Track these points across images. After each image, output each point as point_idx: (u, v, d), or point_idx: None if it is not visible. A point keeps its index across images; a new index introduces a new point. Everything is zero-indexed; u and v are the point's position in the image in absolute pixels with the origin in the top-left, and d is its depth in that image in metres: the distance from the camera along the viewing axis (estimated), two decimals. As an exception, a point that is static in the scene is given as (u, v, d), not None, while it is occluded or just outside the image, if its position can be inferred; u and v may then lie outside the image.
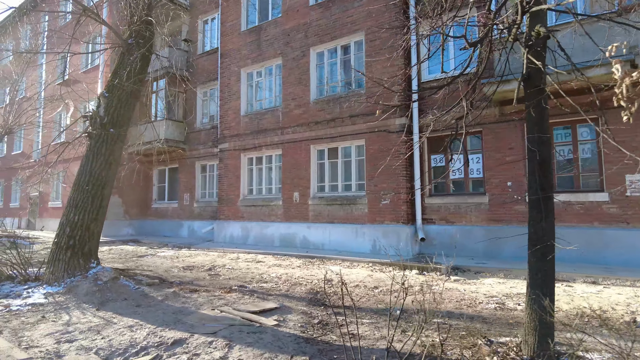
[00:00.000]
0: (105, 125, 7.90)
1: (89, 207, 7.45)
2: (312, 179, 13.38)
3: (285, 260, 11.39)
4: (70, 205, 7.42)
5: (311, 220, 13.18)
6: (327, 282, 8.45)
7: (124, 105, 8.20)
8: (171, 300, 6.57)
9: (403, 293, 3.78)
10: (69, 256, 7.12)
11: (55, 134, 22.39)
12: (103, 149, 7.79)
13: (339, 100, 12.88)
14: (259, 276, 9.17)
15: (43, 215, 22.82)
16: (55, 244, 7.22)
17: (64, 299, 6.44)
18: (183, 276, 9.19)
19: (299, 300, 6.92)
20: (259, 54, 15.17)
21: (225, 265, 10.62)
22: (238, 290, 7.50)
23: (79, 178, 7.59)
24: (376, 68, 12.17)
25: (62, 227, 7.32)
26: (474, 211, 10.99)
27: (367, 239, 11.87)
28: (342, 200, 12.52)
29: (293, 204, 13.70)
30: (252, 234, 14.60)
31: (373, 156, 12.01)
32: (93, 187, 7.56)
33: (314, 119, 13.41)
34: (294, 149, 13.87)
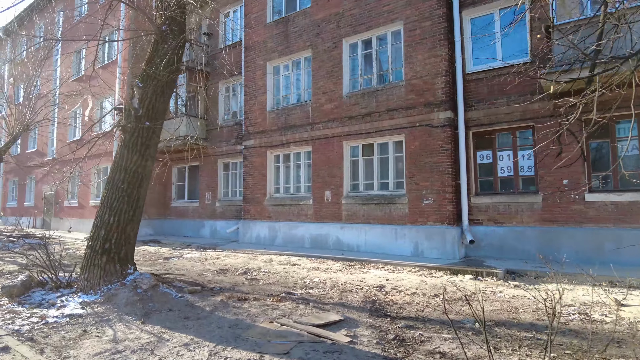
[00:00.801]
0: (140, 118, 7.25)
1: (124, 207, 6.81)
2: (345, 177, 12.69)
3: (322, 263, 10.71)
4: (105, 205, 6.78)
5: (344, 221, 12.49)
6: (379, 288, 7.78)
7: (159, 97, 7.56)
8: (221, 311, 5.91)
9: (474, 302, 3.07)
10: (104, 261, 6.48)
11: (71, 130, 21.86)
12: (138, 143, 7.15)
13: (375, 93, 12.17)
14: (301, 281, 8.50)
15: (58, 215, 22.31)
16: (90, 248, 6.58)
17: (104, 310, 5.79)
18: (220, 281, 8.54)
19: (358, 310, 6.25)
20: (286, 47, 14.49)
21: (260, 269, 9.96)
22: (288, 298, 6.83)
23: (113, 176, 6.95)
24: (417, 59, 11.45)
25: (96, 229, 6.68)
26: (526, 211, 10.25)
27: (408, 241, 11.16)
28: (378, 199, 11.82)
29: (324, 203, 13.01)
30: (280, 235, 13.94)
31: (414, 152, 11.30)
32: (129, 185, 6.91)
33: (347, 114, 12.71)
34: (324, 146, 13.17)
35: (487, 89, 10.93)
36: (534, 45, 10.25)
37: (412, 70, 11.51)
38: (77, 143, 8.35)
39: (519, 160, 10.61)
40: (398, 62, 12.06)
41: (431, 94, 11.18)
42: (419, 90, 11.36)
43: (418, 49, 11.46)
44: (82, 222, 20.15)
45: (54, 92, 16.72)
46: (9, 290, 6.52)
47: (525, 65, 10.33)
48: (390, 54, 12.20)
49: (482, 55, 11.15)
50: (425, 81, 11.29)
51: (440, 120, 10.96)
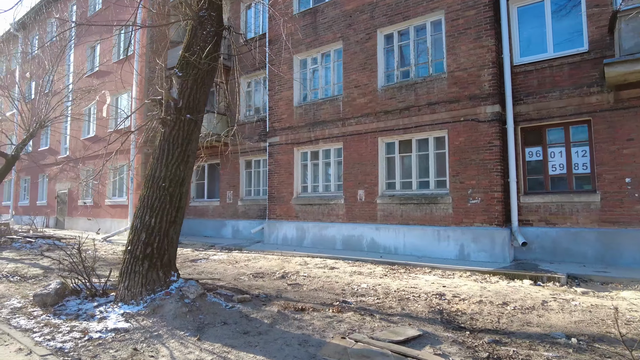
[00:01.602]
0: (181, 110, 6.62)
1: (167, 207, 6.17)
2: (380, 175, 12.02)
3: (362, 266, 10.06)
4: (145, 205, 6.14)
5: (380, 221, 11.83)
6: (438, 296, 7.13)
7: (199, 87, 6.92)
8: (282, 324, 5.27)
9: (550, 312, 2.40)
10: (146, 268, 5.85)
11: (85, 127, 21.29)
12: (180, 138, 6.51)
13: (414, 86, 11.49)
14: (348, 287, 7.85)
15: (72, 214, 21.77)
16: (129, 253, 5.95)
17: (151, 323, 5.15)
18: (260, 286, 7.91)
19: (430, 323, 5.60)
20: (314, 39, 13.83)
21: (298, 273, 9.32)
22: (347, 308, 6.18)
23: (153, 173, 6.31)
24: (460, 50, 10.77)
25: (136, 232, 6.05)
26: (582, 211, 9.55)
27: (452, 243, 10.49)
28: (418, 199, 11.14)
29: (357, 202, 12.35)
30: (309, 235, 13.29)
31: (458, 149, 10.62)
32: (170, 184, 6.28)
33: (383, 108, 12.03)
34: (357, 142, 12.51)
35: (537, 82, 10.24)
36: (592, 33, 9.54)
37: (455, 62, 10.83)
38: (108, 137, 7.74)
39: (573, 156, 9.91)
40: (438, 54, 11.39)
41: (477, 87, 10.49)
42: (463, 82, 10.67)
43: (461, 40, 10.77)
44: (98, 222, 19.58)
45: (70, 88, 16.12)
46: (43, 299, 5.91)
47: (582, 55, 9.64)
48: (430, 45, 11.52)
49: (531, 46, 10.45)
50: (469, 73, 10.61)
51: (488, 115, 10.27)
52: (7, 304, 6.23)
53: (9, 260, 11.25)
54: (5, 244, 13.73)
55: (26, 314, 5.71)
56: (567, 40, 10.01)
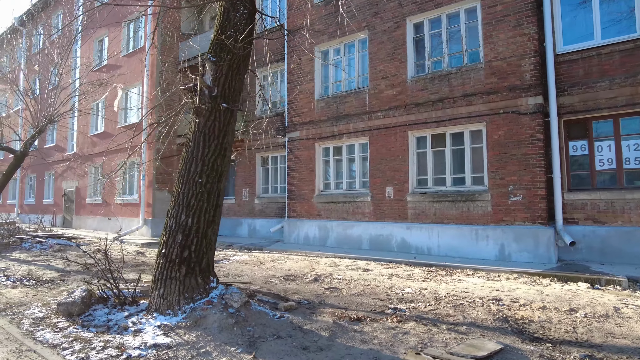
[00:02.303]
0: (216, 98, 5.99)
1: (204, 206, 5.55)
2: (410, 171, 11.39)
3: (397, 268, 9.44)
4: (180, 203, 5.52)
5: (411, 220, 11.20)
6: (495, 301, 6.52)
7: (235, 74, 6.29)
8: (343, 338, 4.65)
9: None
10: (183, 273, 5.23)
11: (93, 123, 20.66)
12: (216, 129, 5.89)
13: (448, 77, 10.85)
14: (392, 292, 7.24)
15: (80, 213, 21.17)
16: (164, 257, 5.32)
17: (195, 338, 4.54)
18: (297, 290, 7.31)
19: (501, 333, 5.01)
20: (337, 29, 13.15)
21: (331, 275, 8.71)
22: (406, 317, 5.56)
23: (188, 167, 5.69)
24: (498, 39, 10.12)
25: (170, 233, 5.42)
26: (635, 209, 8.91)
27: (491, 243, 9.86)
28: (453, 196, 10.52)
29: (385, 200, 11.72)
30: (333, 235, 12.67)
31: (497, 143, 9.99)
32: (208, 179, 5.66)
33: (413, 100, 11.39)
34: (385, 137, 11.87)
35: (582, 71, 9.59)
36: (646, 18, 8.89)
37: (493, 51, 10.19)
38: (135, 129, 7.11)
39: (624, 151, 9.27)
40: (474, 43, 10.74)
41: (517, 77, 9.85)
42: (502, 72, 10.03)
43: (500, 28, 10.12)
44: (107, 221, 18.98)
45: (80, 82, 15.51)
46: (68, 308, 5.30)
47: (635, 42, 9.00)
48: (464, 33, 10.87)
49: (576, 33, 9.80)
50: (509, 63, 9.97)
51: (530, 107, 9.64)
52: (27, 314, 5.62)
53: (20, 261, 10.65)
54: (15, 244, 13.13)
55: (51, 325, 5.10)
56: (616, 26, 9.36)
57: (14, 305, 6.07)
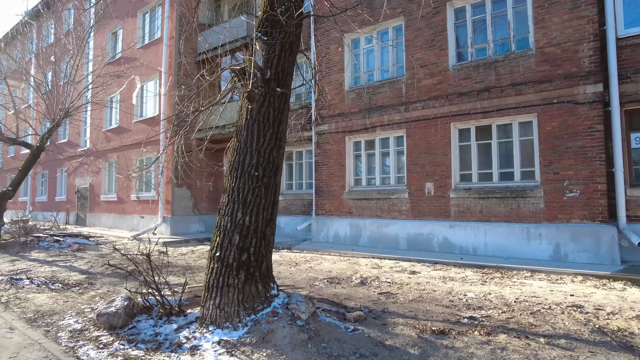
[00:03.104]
0: (269, 82, 5.32)
1: (262, 202, 4.89)
2: (453, 165, 10.68)
3: (446, 270, 8.75)
4: (235, 200, 4.85)
5: (454, 218, 10.50)
6: (576, 308, 5.82)
7: (287, 55, 5.62)
8: (436, 356, 4.00)
9: None
10: (242, 280, 4.57)
11: (107, 117, 20.03)
12: (270, 117, 5.22)
13: (494, 65, 10.12)
14: (454, 297, 6.58)
15: (94, 210, 20.59)
16: (219, 261, 4.66)
17: (266, 357, 3.87)
18: (348, 296, 6.66)
19: (609, 348, 4.39)
20: (369, 15, 12.41)
21: (378, 278, 8.04)
22: (492, 328, 4.88)
23: (242, 159, 5.02)
24: (552, 23, 9.38)
25: (225, 233, 4.76)
26: None
27: (544, 242, 9.16)
28: (501, 192, 9.81)
29: (424, 197, 11.02)
30: (366, 233, 11.99)
31: (551, 135, 9.26)
32: (264, 172, 5.00)
33: (455, 90, 10.68)
34: (424, 129, 11.17)
35: (646, 56, 8.83)
36: None
37: (546, 37, 9.44)
38: (168, 121, 6.46)
39: (694, 142, 8.53)
40: (522, 28, 10.00)
41: (573, 64, 9.12)
42: (556, 59, 9.30)
43: (553, 11, 9.38)
44: (123, 219, 18.39)
45: (96, 74, 14.88)
46: (109, 319, 4.66)
47: None
48: (511, 18, 10.12)
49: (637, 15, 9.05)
50: (564, 49, 9.23)
51: (588, 96, 8.91)
52: (63, 325, 4.99)
53: (40, 262, 10.05)
54: (32, 243, 12.55)
55: (92, 340, 4.46)
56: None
57: (45, 314, 5.44)
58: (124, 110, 17.64)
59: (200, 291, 5.66)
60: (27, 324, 5.01)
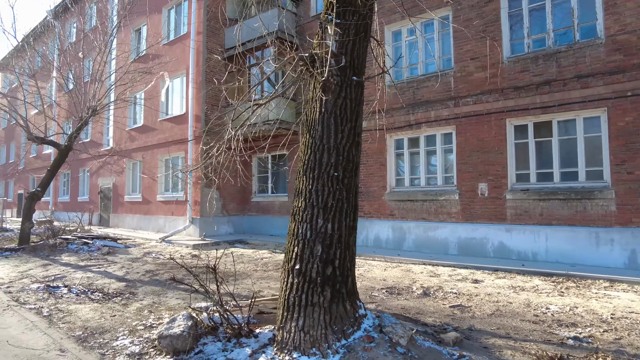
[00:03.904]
0: (345, 69, 4.68)
1: (344, 207, 4.27)
2: (509, 164, 9.95)
3: (511, 278, 8.02)
4: (314, 204, 4.22)
5: (511, 221, 9.77)
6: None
7: (362, 40, 4.99)
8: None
9: None
10: (328, 298, 3.94)
11: (131, 114, 19.57)
12: (348, 110, 4.59)
13: (555, 56, 9.37)
14: (535, 311, 5.89)
15: (117, 211, 20.17)
16: (300, 275, 4.03)
17: (372, 395, 3.23)
18: (418, 310, 6.01)
19: None
20: (412, 6, 11.71)
21: (441, 288, 7.36)
22: (616, 355, 4.17)
23: (318, 157, 4.39)
24: (625, 7, 8.60)
25: (306, 243, 4.13)
26: None
27: (617, 248, 8.39)
28: (564, 193, 9.05)
29: (477, 198, 10.30)
30: (411, 237, 11.30)
31: (624, 131, 8.49)
32: (345, 173, 4.36)
33: (511, 84, 9.94)
34: (476, 125, 10.45)
35: None
36: None
37: (618, 23, 8.67)
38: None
39: None
40: (588, 15, 9.23)
41: (650, 52, 8.33)
42: (631, 48, 8.52)
43: (626, -5, 8.60)
44: (148, 220, 17.92)
45: (123, 70, 14.40)
46: (173, 342, 4.05)
47: None
48: (575, 5, 9.35)
49: None
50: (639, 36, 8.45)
51: (668, 87, 8.11)
52: (118, 347, 4.39)
53: (73, 267, 9.55)
54: (61, 245, 12.09)
55: (157, 367, 3.86)
56: None
57: (95, 332, 4.86)
58: (152, 108, 17.13)
59: (265, 306, 5.04)
60: (78, 344, 4.44)
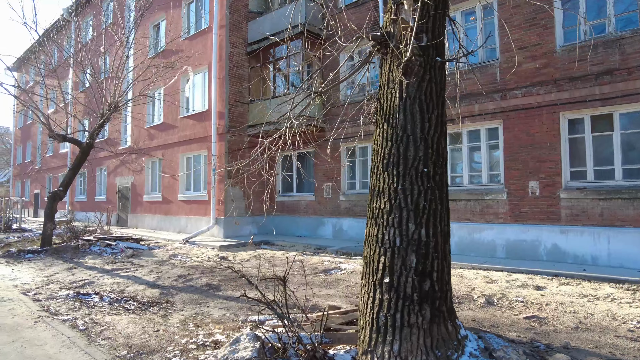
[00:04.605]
0: (428, 49, 4.05)
1: (438, 209, 3.64)
2: (563, 161, 9.25)
3: (577, 284, 7.33)
4: (400, 205, 3.59)
5: (565, 222, 9.06)
6: None
7: (442, 16, 4.40)
8: None
9: None
10: (428, 318, 3.31)
11: (150, 110, 19.05)
12: (434, 95, 3.97)
13: (617, 43, 8.64)
14: (624, 324, 5.24)
15: (136, 211, 19.71)
16: (392, 290, 3.40)
17: None
18: (490, 321, 5.40)
19: None
20: (453, -7, 11.07)
21: (504, 296, 6.70)
22: None
23: (402, 150, 3.75)
24: (698, -12, 7.85)
25: (396, 251, 3.51)
26: None
27: (693, 252, 7.66)
28: (628, 192, 8.34)
29: (527, 198, 9.61)
30: (454, 239, 10.61)
31: (699, 124, 7.75)
32: (435, 169, 3.74)
33: (565, 74, 9.23)
34: (525, 119, 9.75)
35: None
36: None
37: (690, 5, 7.93)
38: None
39: None
40: (653, -3, 8.49)
41: None
42: None
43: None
44: (169, 220, 17.41)
45: (146, 65, 13.89)
46: (241, 368, 3.44)
47: None
48: (638, -14, 8.62)
49: None
50: None
51: None
52: (172, 371, 3.80)
53: (99, 270, 9.02)
54: (84, 247, 11.58)
55: (226, 399, 3.25)
56: None
57: (141, 351, 4.27)
58: (174, 103, 16.59)
59: (332, 322, 4.43)
60: (125, 368, 3.85)
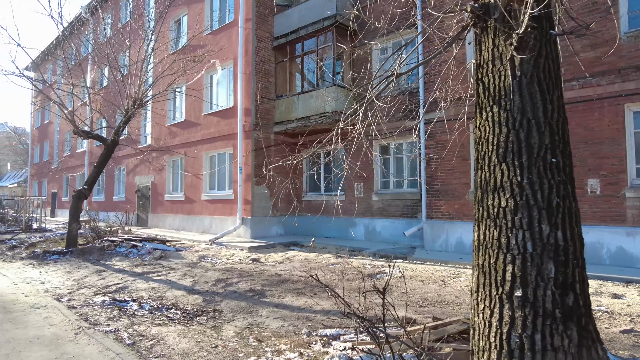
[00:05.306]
0: (541, 20, 3.43)
1: (573, 207, 3.02)
2: (628, 158, 8.55)
3: (658, 293, 6.64)
4: (528, 203, 2.96)
5: (632, 223, 8.36)
6: None
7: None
8: None
9: None
10: (575, 340, 2.69)
11: (171, 107, 18.57)
12: (552, 72, 3.36)
13: (692, 28, 7.92)
14: None
15: (157, 211, 19.25)
16: (525, 305, 2.78)
17: None
18: (616, 342, 4.65)
19: None
20: (499, -21, 10.36)
21: (600, 309, 5.96)
22: None
23: (523, 137, 3.14)
24: None
25: (524, 257, 2.88)
26: None
27: None
28: None
29: (586, 197, 8.91)
30: (501, 241, 9.92)
31: None
32: (564, 158, 3.13)
33: (631, 63, 8.53)
34: (583, 112, 9.07)
35: None
36: None
37: None
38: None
39: None
40: None
41: None
42: None
43: None
44: (192, 220, 16.91)
45: (171, 59, 13.41)
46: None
47: None
48: None
49: None
50: None
51: None
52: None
53: (129, 273, 8.50)
54: (109, 248, 11.08)
55: None
56: None
57: (204, 372, 3.69)
58: (199, 97, 16.09)
59: (428, 339, 3.80)
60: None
